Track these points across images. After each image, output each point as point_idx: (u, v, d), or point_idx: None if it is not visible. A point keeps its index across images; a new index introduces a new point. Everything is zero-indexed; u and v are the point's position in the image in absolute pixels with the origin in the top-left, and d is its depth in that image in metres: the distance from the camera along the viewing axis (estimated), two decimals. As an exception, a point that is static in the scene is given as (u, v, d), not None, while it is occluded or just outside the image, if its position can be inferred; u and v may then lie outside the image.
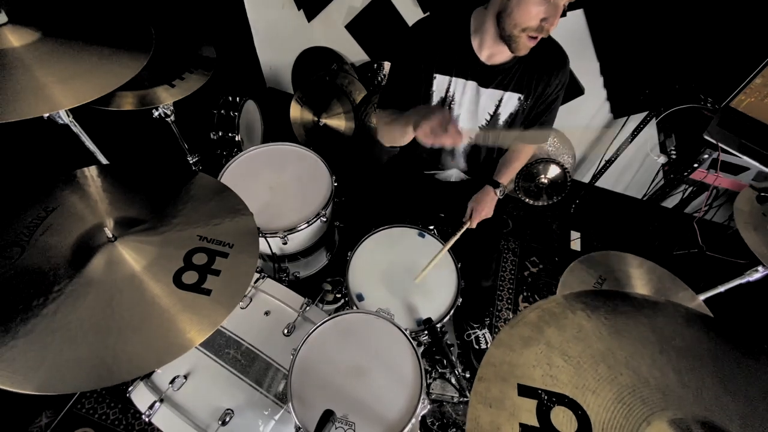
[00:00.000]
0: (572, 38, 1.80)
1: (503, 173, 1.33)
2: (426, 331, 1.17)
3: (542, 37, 0.96)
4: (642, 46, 1.76)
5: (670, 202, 2.18)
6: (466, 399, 1.55)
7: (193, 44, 1.61)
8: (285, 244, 1.43)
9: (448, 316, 1.23)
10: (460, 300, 1.28)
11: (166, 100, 1.45)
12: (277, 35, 2.46)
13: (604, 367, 0.62)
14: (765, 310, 1.79)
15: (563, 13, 0.94)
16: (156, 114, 1.57)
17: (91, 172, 1.00)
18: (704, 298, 1.38)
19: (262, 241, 1.39)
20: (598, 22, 1.75)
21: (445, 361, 1.52)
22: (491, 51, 1.08)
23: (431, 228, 1.44)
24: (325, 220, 1.47)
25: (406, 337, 1.07)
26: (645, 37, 1.73)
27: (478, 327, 1.73)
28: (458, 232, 1.29)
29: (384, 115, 1.24)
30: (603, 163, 2.14)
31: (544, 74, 1.12)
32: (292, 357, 1.01)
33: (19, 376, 0.67)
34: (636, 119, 1.95)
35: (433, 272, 1.30)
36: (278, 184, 1.51)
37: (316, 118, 2.26)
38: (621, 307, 0.70)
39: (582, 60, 1.87)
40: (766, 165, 1.44)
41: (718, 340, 0.66)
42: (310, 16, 2.26)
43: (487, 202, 1.30)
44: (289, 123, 2.30)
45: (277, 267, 1.59)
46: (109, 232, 0.84)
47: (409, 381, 1.01)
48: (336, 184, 1.51)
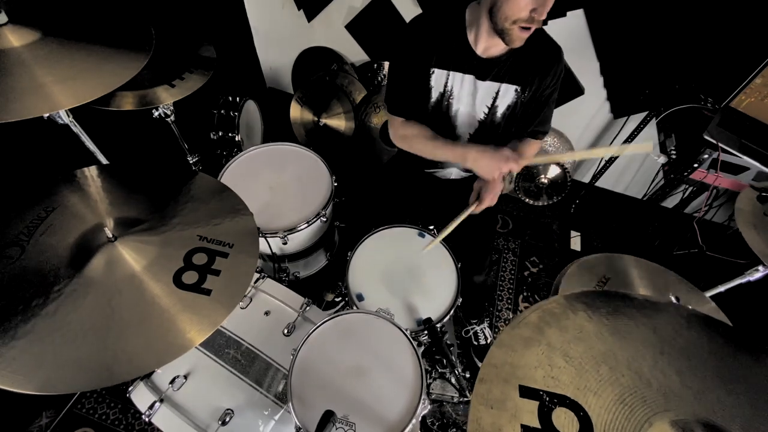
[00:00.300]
0: (572, 38, 1.80)
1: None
2: (426, 331, 1.17)
3: (536, 28, 0.97)
4: (642, 46, 1.76)
5: (670, 202, 2.18)
6: (466, 399, 1.55)
7: (193, 44, 1.61)
8: (285, 244, 1.43)
9: (448, 316, 1.23)
10: (460, 300, 1.28)
11: (166, 100, 1.45)
12: (277, 35, 2.46)
13: (606, 368, 0.62)
14: (766, 310, 1.79)
15: (563, 14, 0.94)
16: (156, 114, 1.58)
17: (91, 172, 1.00)
18: (710, 297, 1.37)
19: (262, 241, 1.39)
20: (598, 22, 1.75)
21: (445, 361, 1.52)
22: (486, 44, 1.09)
23: (431, 228, 1.43)
24: (325, 220, 1.47)
25: (406, 337, 1.06)
26: (645, 37, 1.73)
27: (476, 322, 1.73)
28: (459, 218, 1.23)
29: (416, 131, 1.22)
30: (603, 163, 2.14)
31: (540, 66, 1.12)
32: (292, 357, 1.01)
33: (19, 376, 0.67)
34: (636, 119, 1.95)
35: (433, 272, 1.30)
36: (278, 184, 1.51)
37: (316, 118, 2.25)
38: (622, 308, 0.70)
39: (582, 60, 1.87)
40: (766, 165, 1.44)
41: (720, 340, 0.66)
42: (310, 16, 2.26)
43: (496, 187, 1.20)
44: (289, 123, 2.30)
45: (277, 267, 1.59)
46: (109, 232, 0.84)
47: (409, 381, 1.01)
48: (336, 184, 1.51)
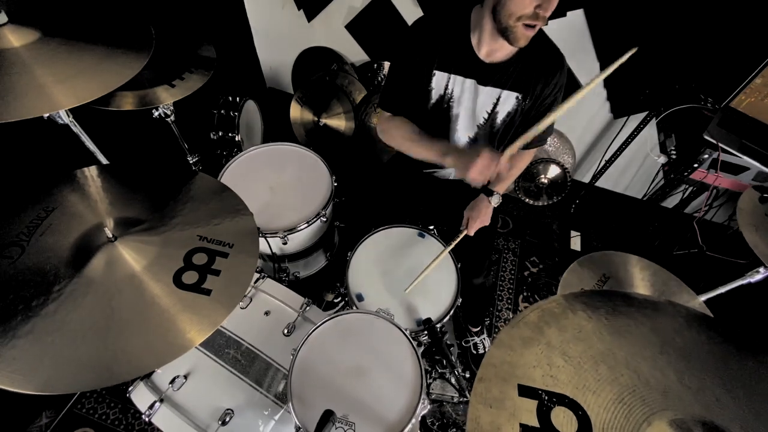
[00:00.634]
0: (572, 38, 1.80)
1: (498, 182, 1.34)
2: (426, 331, 1.17)
3: (540, 27, 0.96)
4: (642, 46, 1.75)
5: (670, 202, 2.18)
6: (465, 399, 1.55)
7: (193, 44, 1.61)
8: (285, 244, 1.43)
9: (448, 316, 1.23)
10: (460, 300, 1.28)
11: (166, 100, 1.45)
12: (277, 35, 2.46)
13: (605, 368, 0.62)
14: (765, 311, 1.79)
15: (563, 14, 0.94)
16: (156, 114, 1.58)
17: (91, 172, 1.00)
18: (705, 299, 1.38)
19: (262, 241, 1.39)
20: (598, 22, 1.75)
21: (444, 361, 1.52)
22: (489, 48, 1.08)
23: (431, 228, 1.43)
24: (325, 220, 1.47)
25: (406, 337, 1.07)
26: (645, 37, 1.73)
27: (477, 333, 1.73)
28: (455, 240, 1.29)
29: (398, 125, 1.23)
30: (603, 163, 2.14)
31: (542, 74, 1.12)
32: (292, 357, 1.01)
33: (19, 376, 0.67)
34: (636, 119, 1.95)
35: (433, 272, 1.30)
36: (278, 184, 1.51)
37: (316, 118, 2.25)
38: (621, 308, 0.70)
39: (582, 60, 1.87)
40: (766, 165, 1.44)
41: (719, 340, 0.66)
42: (310, 16, 2.26)
43: (482, 210, 1.31)
44: (289, 123, 2.30)
45: (277, 267, 1.59)
46: (109, 232, 0.84)
47: (409, 381, 1.01)
48: (336, 184, 1.51)
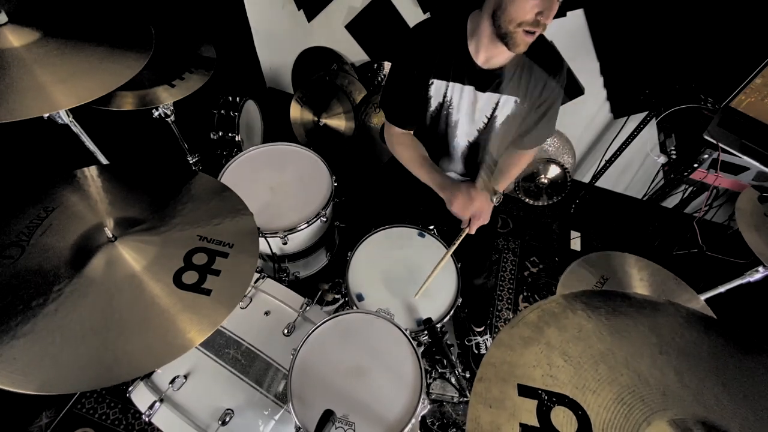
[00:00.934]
0: (572, 38, 1.80)
1: (499, 180, 1.32)
2: (426, 331, 1.17)
3: (540, 33, 0.95)
4: (642, 46, 1.76)
5: (670, 202, 2.17)
6: (466, 399, 1.55)
7: (193, 44, 1.61)
8: (285, 244, 1.43)
9: (448, 316, 1.23)
10: (460, 300, 1.28)
11: (166, 100, 1.45)
12: (277, 35, 2.46)
13: (605, 368, 0.62)
14: (765, 310, 1.79)
15: (563, 14, 0.93)
16: (156, 114, 1.58)
17: (91, 172, 1.00)
18: (705, 299, 1.38)
19: (262, 241, 1.39)
20: (598, 22, 1.75)
21: (445, 361, 1.52)
22: (488, 54, 1.07)
23: (431, 228, 1.43)
24: (325, 220, 1.47)
25: (406, 337, 1.07)
26: (645, 37, 1.73)
27: (480, 333, 1.73)
28: (457, 240, 1.26)
29: (407, 144, 1.26)
30: (603, 163, 2.14)
31: (540, 78, 1.11)
32: (292, 357, 1.01)
33: (19, 376, 0.67)
34: (636, 119, 1.95)
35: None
36: (278, 184, 1.51)
37: (316, 118, 2.26)
38: (621, 308, 0.70)
39: (582, 60, 1.87)
40: (766, 165, 1.44)
41: (719, 340, 0.66)
42: (310, 16, 2.26)
43: (483, 208, 1.27)
44: (289, 123, 2.30)
45: (277, 267, 1.59)
46: (109, 232, 0.85)
47: (409, 381, 1.01)
48: (336, 184, 1.51)
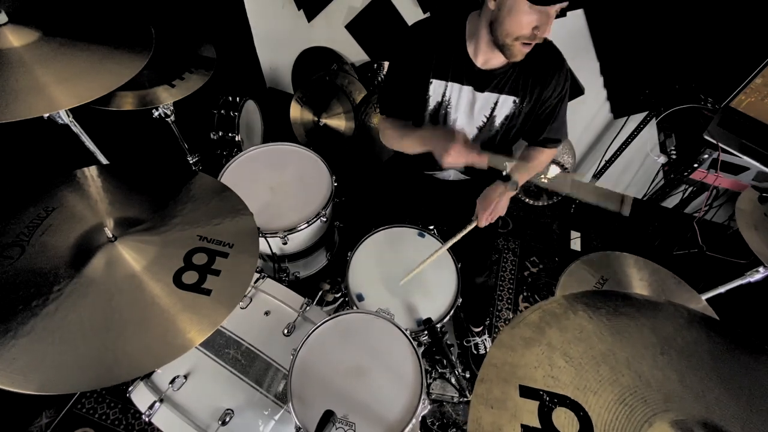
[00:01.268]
0: (572, 38, 1.80)
1: (519, 169, 1.23)
2: (426, 331, 1.17)
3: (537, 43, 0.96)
4: (642, 46, 1.76)
5: (670, 202, 2.17)
6: (466, 399, 1.55)
7: (193, 44, 1.61)
8: (285, 244, 1.43)
9: (448, 316, 1.23)
10: (460, 300, 1.28)
11: (166, 100, 1.45)
12: (277, 35, 2.46)
13: (606, 368, 0.62)
14: (766, 311, 1.79)
15: (563, 14, 0.94)
16: (156, 114, 1.58)
17: (91, 172, 1.00)
18: (705, 299, 1.38)
19: (262, 241, 1.39)
20: (598, 22, 1.75)
21: (445, 361, 1.52)
22: (486, 56, 1.07)
23: (431, 228, 1.43)
24: (325, 220, 1.47)
25: (406, 337, 1.06)
26: (645, 37, 1.73)
27: (478, 333, 1.73)
28: (463, 231, 1.22)
29: (391, 124, 1.24)
30: (603, 163, 2.14)
31: (540, 77, 1.11)
32: (292, 357, 1.01)
33: (19, 376, 0.67)
34: (636, 119, 1.95)
35: (433, 272, 1.30)
36: (278, 184, 1.51)
37: (316, 118, 2.25)
38: (622, 308, 0.70)
39: (582, 60, 1.87)
40: (766, 165, 1.44)
41: (720, 340, 0.66)
42: (310, 16, 2.26)
43: (494, 199, 1.20)
44: (289, 123, 2.30)
45: (277, 267, 1.59)
46: (109, 232, 0.84)
47: (409, 381, 1.01)
48: (336, 184, 1.51)
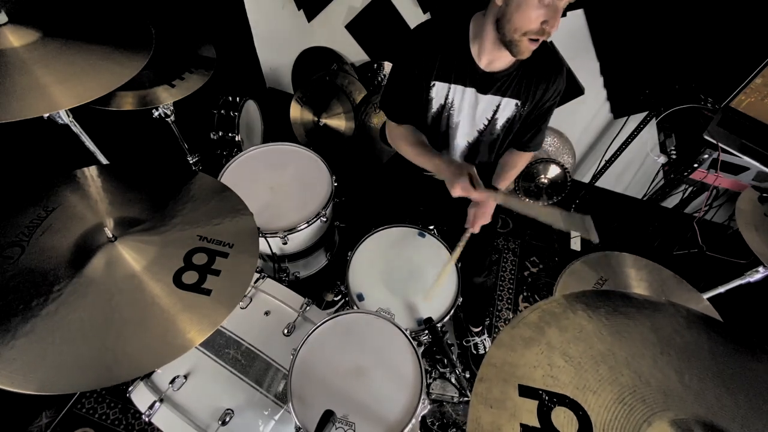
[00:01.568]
0: (572, 38, 1.80)
1: (500, 179, 1.32)
2: (426, 331, 1.17)
3: (543, 40, 0.96)
4: (642, 46, 1.76)
5: (670, 202, 2.17)
6: (466, 399, 1.55)
7: (193, 44, 1.61)
8: (285, 244, 1.43)
9: (449, 316, 1.23)
10: (461, 299, 1.28)
11: (166, 100, 1.45)
12: (277, 35, 2.46)
13: (605, 368, 0.62)
14: (766, 311, 1.79)
15: (563, 13, 0.94)
16: (156, 114, 1.58)
17: (91, 172, 1.00)
18: (706, 299, 1.38)
19: (262, 241, 1.39)
20: (598, 22, 1.75)
21: (445, 360, 1.52)
22: (490, 57, 1.07)
23: (431, 228, 1.43)
24: (325, 220, 1.47)
25: (407, 337, 1.06)
26: (645, 37, 1.73)
27: (477, 333, 1.73)
28: (462, 240, 1.26)
29: (404, 134, 1.25)
30: (603, 163, 2.14)
31: (542, 80, 1.11)
32: (292, 357, 1.01)
33: (19, 376, 0.67)
34: (636, 119, 1.95)
35: (433, 272, 1.30)
36: (278, 184, 1.51)
37: (316, 118, 2.25)
38: (622, 308, 0.70)
39: (582, 60, 1.87)
40: (766, 165, 1.44)
41: (720, 340, 0.66)
42: (310, 16, 2.26)
43: (487, 205, 1.26)
44: (289, 123, 2.30)
45: (277, 267, 1.59)
46: (109, 232, 0.84)
47: (409, 381, 1.01)
48: (336, 184, 1.51)
